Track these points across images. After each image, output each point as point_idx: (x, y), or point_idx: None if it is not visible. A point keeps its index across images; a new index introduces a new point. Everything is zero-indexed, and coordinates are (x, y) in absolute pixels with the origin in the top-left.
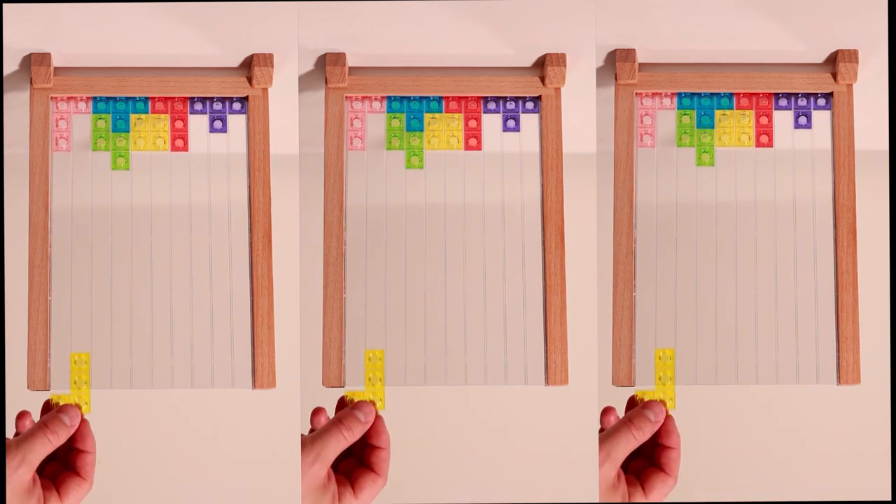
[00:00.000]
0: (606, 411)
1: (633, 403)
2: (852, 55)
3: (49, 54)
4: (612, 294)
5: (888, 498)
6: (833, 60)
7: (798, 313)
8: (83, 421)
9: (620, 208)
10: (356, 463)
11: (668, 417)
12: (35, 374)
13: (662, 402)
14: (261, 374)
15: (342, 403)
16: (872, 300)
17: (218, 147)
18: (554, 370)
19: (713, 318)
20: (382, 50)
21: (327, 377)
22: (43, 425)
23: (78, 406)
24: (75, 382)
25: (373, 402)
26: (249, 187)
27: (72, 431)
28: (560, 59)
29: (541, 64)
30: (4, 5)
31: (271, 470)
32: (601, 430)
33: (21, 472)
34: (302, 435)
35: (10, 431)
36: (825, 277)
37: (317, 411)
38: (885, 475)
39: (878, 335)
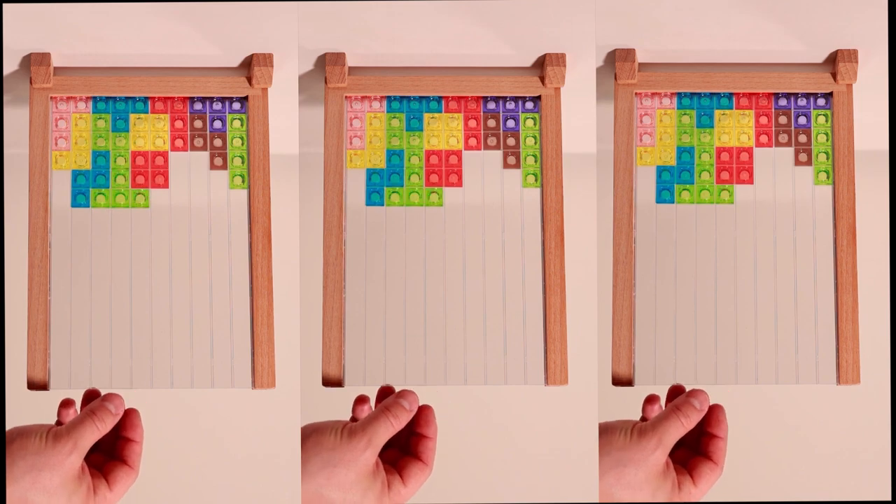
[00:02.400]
0: (651, 399)
1: (674, 392)
2: (852, 55)
3: (49, 54)
4: (612, 294)
5: (888, 498)
6: (833, 60)
7: (798, 313)
8: (133, 411)
9: (620, 208)
10: (399, 452)
11: (717, 407)
12: (35, 374)
13: (703, 392)
14: (260, 373)
15: (382, 393)
16: (872, 300)
17: (218, 147)
18: (554, 370)
19: (713, 318)
20: (382, 50)
21: (327, 377)
22: (91, 413)
23: (121, 397)
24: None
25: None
26: (249, 187)
27: (117, 419)
28: (560, 59)
29: (541, 64)
30: (4, 5)
31: (271, 469)
32: (643, 419)
33: (72, 459)
34: (347, 422)
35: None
36: (825, 277)
37: (360, 399)
38: (885, 475)
39: (877, 335)
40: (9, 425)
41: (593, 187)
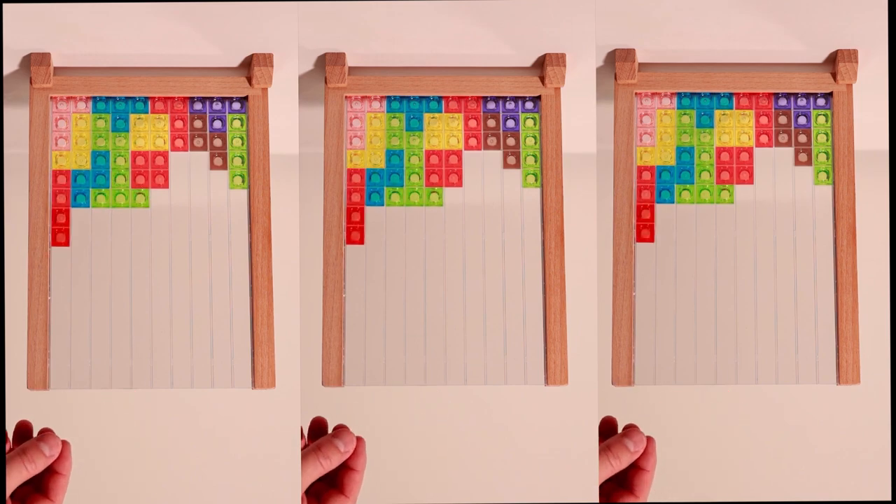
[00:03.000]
0: (606, 423)
1: (605, 425)
2: (852, 55)
3: (49, 54)
4: (612, 294)
5: (888, 498)
6: (833, 60)
7: (798, 313)
8: (65, 444)
9: (620, 208)
10: (325, 485)
11: (649, 440)
12: (35, 374)
13: (639, 431)
14: (260, 373)
15: (315, 425)
16: (872, 300)
17: (218, 147)
18: (553, 370)
19: (713, 318)
20: (382, 50)
21: (327, 377)
22: (22, 453)
23: (57, 437)
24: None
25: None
26: (249, 187)
27: (49, 462)
28: (560, 59)
29: (540, 64)
30: (4, 5)
31: (271, 469)
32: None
33: None
34: None
35: (10, 431)
36: (825, 277)
37: (315, 423)
38: (885, 475)
39: (877, 335)
40: (9, 425)
41: (593, 187)
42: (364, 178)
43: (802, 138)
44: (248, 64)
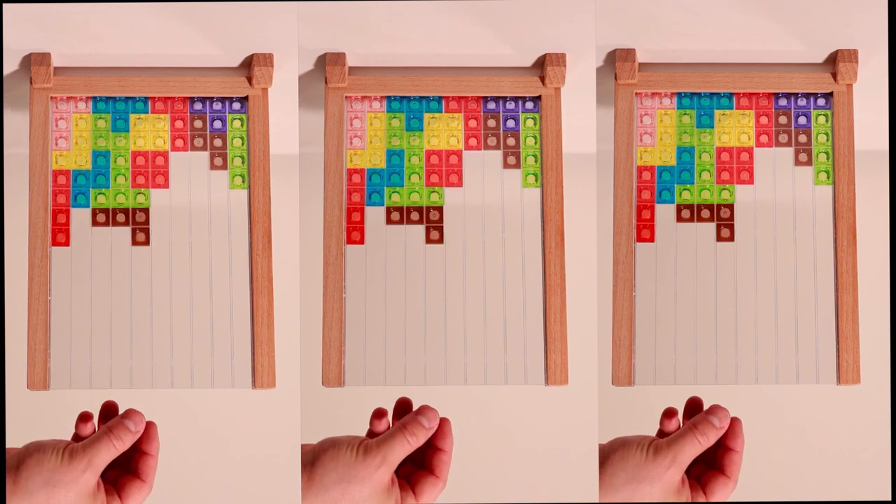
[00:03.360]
0: (669, 413)
1: (691, 404)
2: (852, 55)
3: (49, 54)
4: (612, 294)
5: (888, 498)
6: (833, 60)
7: (798, 313)
8: (151, 424)
9: (620, 208)
10: (413, 466)
11: (735, 420)
12: (35, 374)
13: (724, 408)
14: (261, 373)
15: (400, 405)
16: (872, 300)
17: (218, 147)
18: (554, 370)
19: (713, 318)
20: (382, 50)
21: (327, 377)
22: (108, 431)
23: (142, 414)
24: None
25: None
26: (249, 187)
27: (136, 438)
28: (560, 59)
29: (541, 64)
30: (4, 5)
31: (271, 469)
32: (660, 433)
33: (87, 477)
34: (364, 438)
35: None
36: (825, 277)
37: (378, 413)
38: (885, 475)
39: (877, 335)
40: (9, 425)
41: (593, 187)
42: (364, 178)
43: (803, 138)
44: (248, 64)
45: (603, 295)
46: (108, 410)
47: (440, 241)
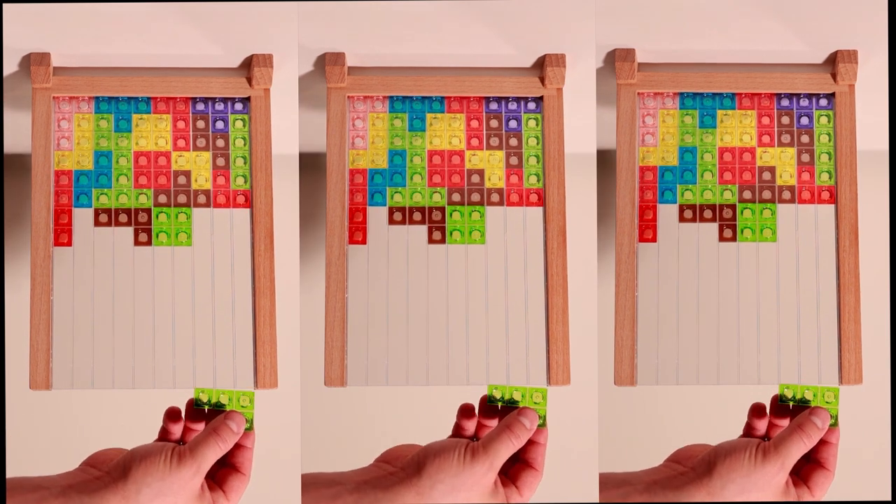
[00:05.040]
0: (758, 410)
1: (776, 402)
2: (852, 55)
3: (48, 54)
4: (615, 294)
5: (888, 498)
6: (833, 61)
7: (800, 313)
8: (243, 417)
9: (622, 208)
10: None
11: (825, 411)
12: (37, 374)
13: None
14: (263, 373)
15: (483, 403)
16: (874, 300)
17: (220, 147)
18: (556, 370)
19: (715, 318)
20: (382, 50)
21: (329, 377)
22: (214, 432)
23: (242, 415)
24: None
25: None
26: (251, 188)
27: (238, 438)
28: (559, 60)
29: (541, 64)
30: (4, 5)
31: (272, 469)
32: (747, 427)
33: (196, 480)
34: (469, 442)
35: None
36: (827, 277)
37: (465, 412)
38: (885, 475)
39: (879, 335)
40: (10, 425)
41: (593, 187)
42: (366, 178)
43: (805, 139)
44: (248, 64)
45: (604, 295)
46: (193, 407)
47: (442, 241)
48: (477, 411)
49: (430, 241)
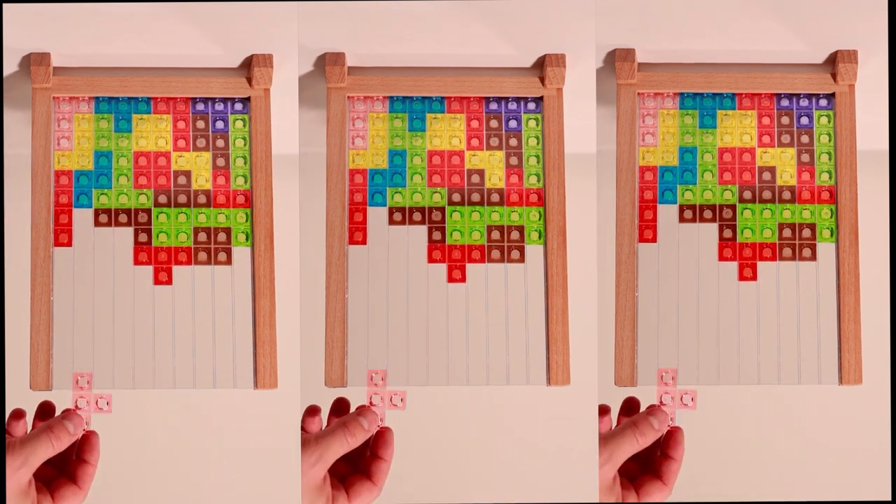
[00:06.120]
0: (603, 410)
1: (628, 404)
2: (851, 55)
3: (48, 54)
4: (615, 294)
5: (888, 498)
6: (833, 61)
7: (800, 313)
8: (93, 433)
9: (623, 208)
10: (351, 469)
11: (677, 429)
12: (37, 375)
13: (664, 410)
14: (263, 374)
15: (336, 406)
16: (874, 300)
17: (220, 147)
18: (556, 370)
19: (715, 319)
20: (382, 50)
21: (329, 377)
22: (48, 429)
23: (81, 417)
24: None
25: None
26: (252, 188)
27: (74, 440)
28: (559, 60)
29: (540, 64)
30: (4, 5)
31: (272, 469)
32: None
33: (21, 473)
34: (302, 433)
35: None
36: (827, 277)
37: (312, 411)
38: (885, 475)
39: (879, 335)
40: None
41: (593, 187)
42: (366, 178)
43: (805, 139)
44: (248, 64)
45: (604, 295)
46: (45, 409)
47: (442, 241)
48: (327, 413)
49: (430, 241)
